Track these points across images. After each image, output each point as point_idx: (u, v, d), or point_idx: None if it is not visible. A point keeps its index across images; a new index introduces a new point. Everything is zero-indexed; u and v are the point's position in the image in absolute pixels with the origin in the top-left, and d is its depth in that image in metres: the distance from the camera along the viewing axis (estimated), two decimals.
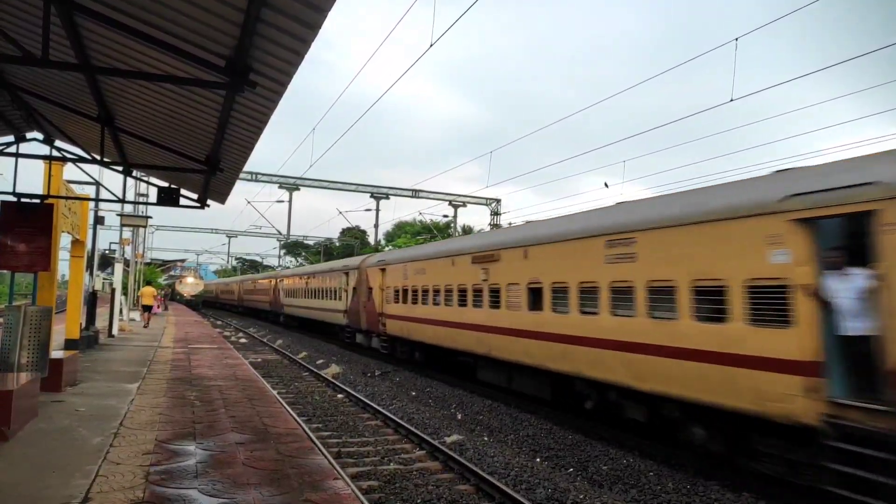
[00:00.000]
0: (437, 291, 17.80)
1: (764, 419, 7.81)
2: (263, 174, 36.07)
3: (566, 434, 11.31)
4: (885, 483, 6.38)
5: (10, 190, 11.42)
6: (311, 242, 76.38)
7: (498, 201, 38.84)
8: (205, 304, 72.75)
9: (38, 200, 11.63)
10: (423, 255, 19.56)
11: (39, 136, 11.94)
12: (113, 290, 24.68)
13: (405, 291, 20.32)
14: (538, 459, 9.98)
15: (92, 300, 21.12)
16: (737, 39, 12.96)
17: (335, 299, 26.81)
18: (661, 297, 9.50)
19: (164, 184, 12.54)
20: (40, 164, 12.06)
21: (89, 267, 21.06)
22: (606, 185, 24.83)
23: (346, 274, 26.06)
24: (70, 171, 14.18)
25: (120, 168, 12.91)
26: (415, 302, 19.38)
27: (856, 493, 6.72)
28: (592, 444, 10.67)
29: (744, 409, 8.02)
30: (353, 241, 64.14)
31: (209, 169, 9.70)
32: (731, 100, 13.57)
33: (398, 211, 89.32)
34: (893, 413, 6.41)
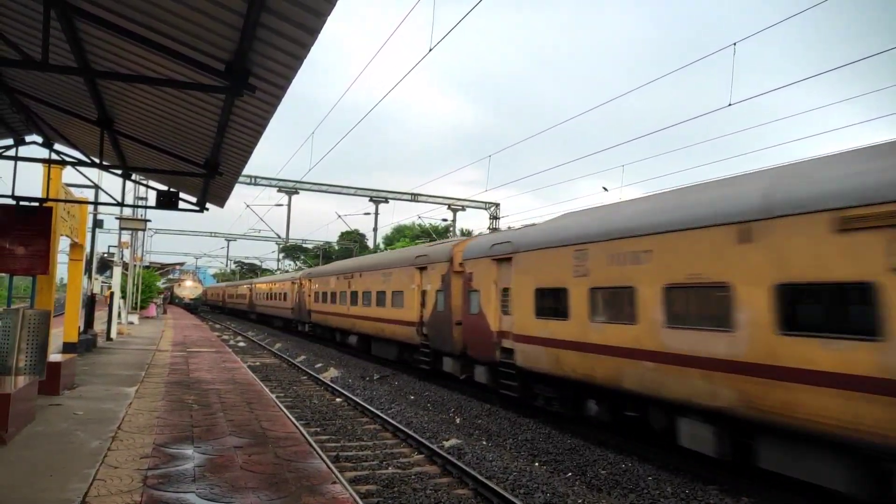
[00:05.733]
0: (332, 294, 29.19)
1: (412, 344, 19.24)
2: (263, 178, 36.09)
3: (565, 438, 11.30)
4: (429, 362, 18.01)
5: (9, 193, 11.42)
6: (310, 246, 76.31)
7: (497, 205, 38.88)
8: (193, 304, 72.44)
9: (36, 203, 11.62)
10: (326, 272, 31.56)
11: (39, 139, 11.94)
12: (111, 294, 24.64)
13: (319, 294, 31.96)
14: (536, 464, 9.97)
15: (90, 303, 21.10)
16: (735, 44, 13.01)
17: (286, 300, 39.12)
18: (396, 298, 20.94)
19: (164, 187, 12.54)
20: (39, 167, 12.06)
21: (88, 270, 21.05)
22: (605, 189, 24.89)
23: (293, 282, 37.61)
24: (69, 175, 14.19)
25: (119, 171, 12.92)
26: (324, 301, 30.78)
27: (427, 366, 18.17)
28: (591, 448, 10.65)
29: (408, 341, 19.61)
30: (352, 244, 64.08)
31: (208, 172, 9.70)
32: (730, 104, 13.59)
33: (397, 215, 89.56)
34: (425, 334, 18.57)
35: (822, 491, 7.43)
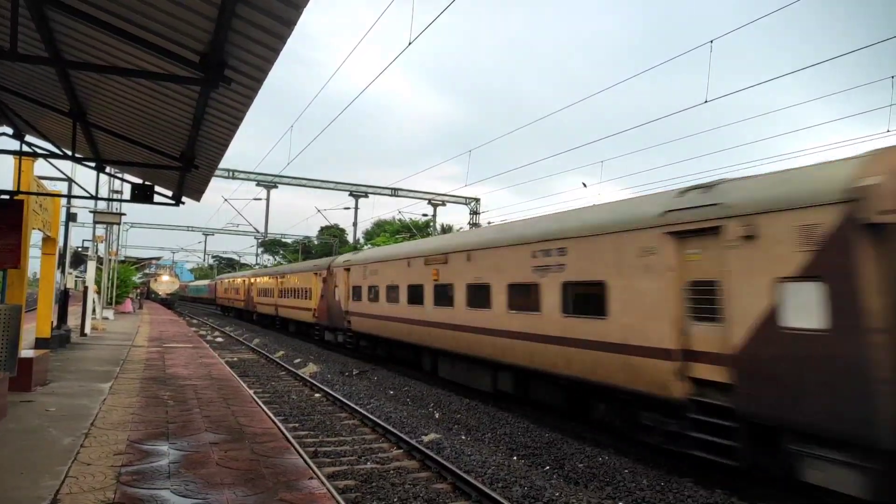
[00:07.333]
0: (239, 289, 51.42)
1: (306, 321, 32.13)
2: (241, 171, 35.64)
3: (543, 432, 11.38)
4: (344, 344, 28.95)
5: None
6: (289, 241, 75.73)
7: (477, 200, 38.90)
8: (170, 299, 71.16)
9: (7, 196, 11.38)
10: (230, 276, 59.49)
11: (9, 130, 11.67)
12: (85, 289, 24.25)
13: (233, 289, 53.86)
14: (515, 458, 10.03)
15: (64, 298, 20.74)
16: (711, 42, 13.14)
17: (215, 295, 58.49)
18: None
19: (139, 180, 12.36)
20: (10, 159, 11.81)
21: (61, 264, 20.68)
22: (584, 185, 25.06)
23: (215, 282, 54.85)
24: (42, 167, 13.93)
25: (92, 164, 12.68)
26: (227, 294, 57.05)
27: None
28: (569, 442, 10.75)
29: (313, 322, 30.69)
30: (332, 239, 63.75)
31: (184, 166, 9.57)
32: (706, 101, 13.74)
33: (377, 209, 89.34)
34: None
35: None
